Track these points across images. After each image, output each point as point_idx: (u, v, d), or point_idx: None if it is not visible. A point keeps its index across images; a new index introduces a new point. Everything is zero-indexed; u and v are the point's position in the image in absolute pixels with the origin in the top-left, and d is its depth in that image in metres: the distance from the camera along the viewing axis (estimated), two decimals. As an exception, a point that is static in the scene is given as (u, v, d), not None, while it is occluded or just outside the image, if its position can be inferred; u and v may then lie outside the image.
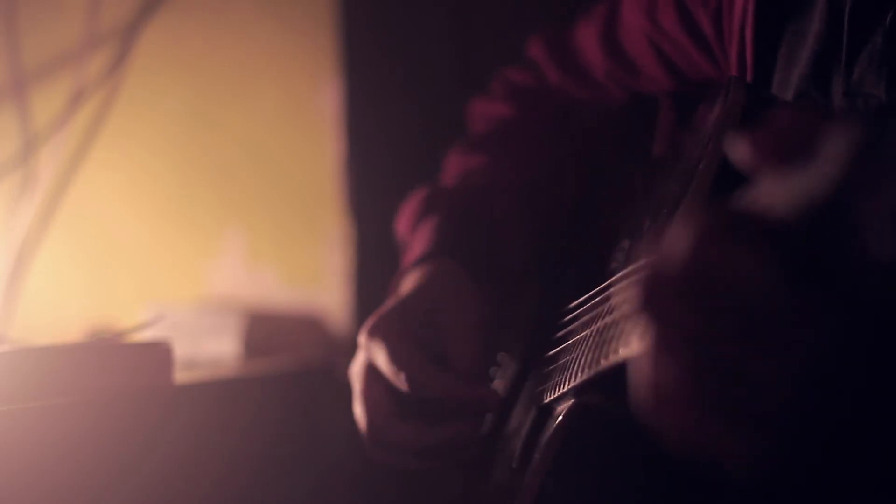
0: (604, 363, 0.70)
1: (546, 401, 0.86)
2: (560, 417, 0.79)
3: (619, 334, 0.68)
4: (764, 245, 0.47)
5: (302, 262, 1.58)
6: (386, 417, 0.93)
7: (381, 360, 0.92)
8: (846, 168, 0.43)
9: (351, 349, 0.99)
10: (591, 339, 0.77)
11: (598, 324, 0.77)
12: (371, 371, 0.94)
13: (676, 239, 0.48)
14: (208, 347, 1.46)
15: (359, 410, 0.94)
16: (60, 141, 1.34)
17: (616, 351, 0.68)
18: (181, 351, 1.13)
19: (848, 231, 0.43)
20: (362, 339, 0.94)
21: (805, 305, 0.46)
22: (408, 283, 1.00)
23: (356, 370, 0.95)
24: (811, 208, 0.45)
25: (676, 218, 0.74)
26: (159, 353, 1.08)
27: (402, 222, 1.10)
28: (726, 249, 0.47)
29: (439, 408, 0.92)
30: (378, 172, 1.55)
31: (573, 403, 0.78)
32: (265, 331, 1.48)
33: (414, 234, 1.06)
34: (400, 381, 0.90)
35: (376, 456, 0.95)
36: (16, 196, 1.32)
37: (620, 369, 0.65)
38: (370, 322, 0.94)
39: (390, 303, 0.97)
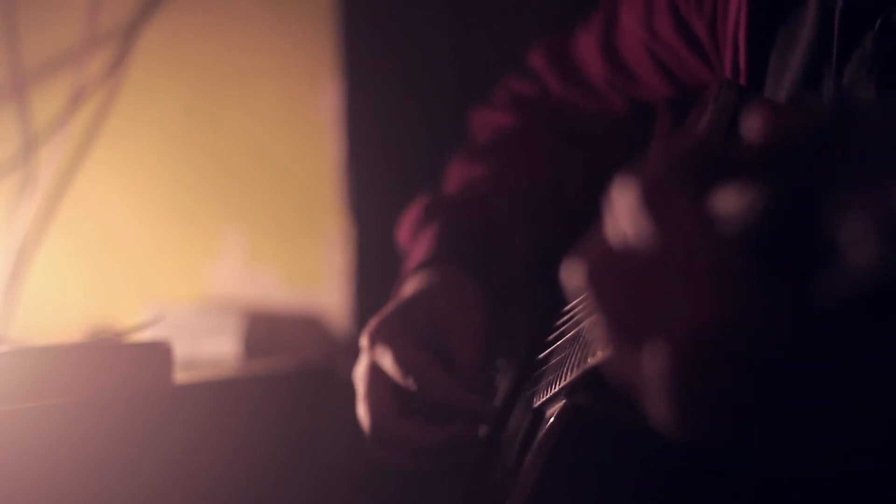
0: (591, 361, 0.70)
1: (539, 402, 0.86)
2: (551, 419, 0.79)
3: None
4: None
5: (302, 262, 1.58)
6: (389, 417, 0.93)
7: (387, 363, 0.92)
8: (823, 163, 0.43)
9: (351, 349, 0.99)
10: (581, 338, 0.77)
11: (586, 323, 0.77)
12: (375, 372, 0.94)
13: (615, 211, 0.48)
14: (208, 347, 1.46)
15: (363, 411, 0.95)
16: (60, 141, 1.34)
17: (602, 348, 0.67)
18: (181, 351, 1.13)
19: (823, 226, 0.43)
20: (365, 341, 0.95)
21: (772, 294, 0.46)
22: (409, 287, 1.00)
23: (360, 372, 0.96)
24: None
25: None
26: (159, 353, 1.08)
27: (404, 230, 1.10)
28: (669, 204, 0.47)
29: (442, 408, 0.93)
30: (378, 172, 1.55)
31: (564, 404, 0.79)
32: (265, 331, 1.48)
33: (415, 241, 1.06)
34: (408, 383, 0.91)
35: (379, 455, 0.95)
36: (16, 196, 1.32)
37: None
38: (372, 325, 0.95)
39: (391, 305, 0.97)
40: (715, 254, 0.47)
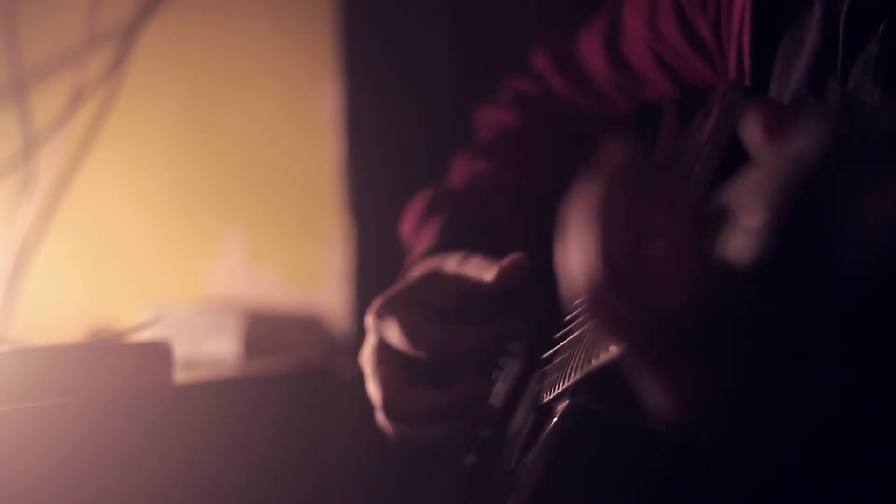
0: (595, 363, 0.70)
1: (543, 401, 0.86)
2: (555, 419, 0.79)
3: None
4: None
5: (302, 262, 1.58)
6: (400, 389, 0.93)
7: (394, 334, 0.92)
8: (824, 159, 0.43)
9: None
10: (585, 338, 0.77)
11: (591, 323, 0.77)
12: (382, 350, 0.94)
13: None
14: (208, 347, 1.46)
15: (373, 388, 0.94)
16: (60, 141, 1.34)
17: (607, 350, 0.68)
18: (181, 351, 1.13)
19: (831, 228, 0.43)
20: (370, 320, 0.94)
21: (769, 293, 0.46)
22: (413, 273, 1.00)
23: (366, 354, 0.95)
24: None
25: None
26: (159, 353, 1.08)
27: (407, 224, 1.10)
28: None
29: (452, 372, 0.93)
30: (378, 172, 1.55)
31: (568, 404, 0.79)
32: (265, 331, 1.48)
33: (418, 234, 1.06)
34: (416, 347, 0.91)
35: (393, 432, 0.95)
36: (16, 196, 1.32)
37: (614, 368, 0.65)
38: (377, 303, 0.94)
39: (396, 286, 0.97)
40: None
